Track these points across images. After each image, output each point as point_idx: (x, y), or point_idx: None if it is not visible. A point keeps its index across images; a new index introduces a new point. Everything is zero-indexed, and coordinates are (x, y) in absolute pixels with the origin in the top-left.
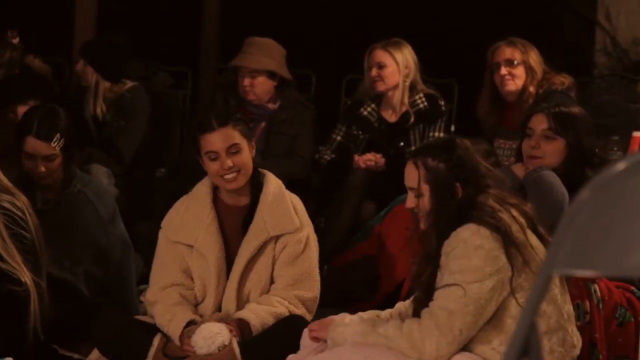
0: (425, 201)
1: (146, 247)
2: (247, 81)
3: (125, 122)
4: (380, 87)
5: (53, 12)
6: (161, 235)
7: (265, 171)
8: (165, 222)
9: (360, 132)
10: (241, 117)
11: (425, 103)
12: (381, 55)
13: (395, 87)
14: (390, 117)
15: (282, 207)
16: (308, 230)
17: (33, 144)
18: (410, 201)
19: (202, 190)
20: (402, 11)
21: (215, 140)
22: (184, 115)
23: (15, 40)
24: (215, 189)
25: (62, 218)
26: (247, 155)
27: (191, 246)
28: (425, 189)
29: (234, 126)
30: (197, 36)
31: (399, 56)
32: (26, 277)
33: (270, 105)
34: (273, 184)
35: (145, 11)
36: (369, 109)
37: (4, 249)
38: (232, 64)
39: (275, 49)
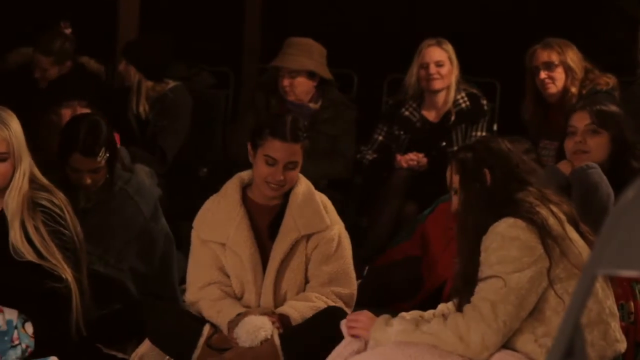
0: (459, 194)
1: (189, 246)
2: (286, 81)
3: (168, 121)
4: (438, 85)
5: (97, 13)
6: (194, 235)
7: None
8: (197, 222)
9: (401, 132)
10: (309, 135)
11: (468, 102)
12: (439, 53)
13: (450, 85)
14: (432, 116)
15: (311, 207)
16: (339, 228)
17: (79, 160)
18: (454, 203)
19: (231, 188)
20: (444, 10)
21: (281, 150)
22: (225, 115)
23: (68, 32)
24: (245, 187)
25: (105, 216)
26: (298, 171)
27: (223, 244)
28: (456, 180)
29: (302, 144)
30: (239, 36)
31: (452, 54)
32: (67, 273)
33: (312, 105)
34: (302, 184)
35: (188, 11)
36: (410, 109)
37: (44, 247)
38: (271, 65)
39: (315, 49)
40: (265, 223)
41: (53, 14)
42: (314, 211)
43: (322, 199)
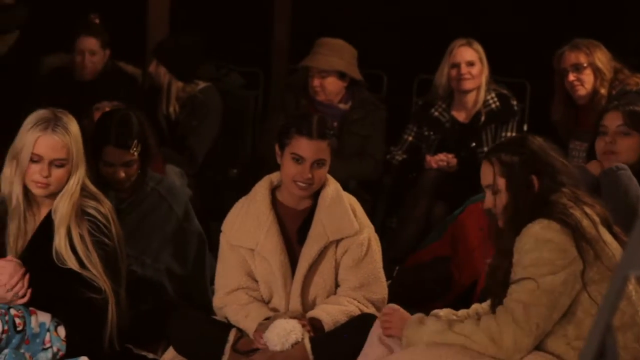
0: (503, 196)
1: (219, 247)
2: (316, 81)
3: (198, 122)
4: (469, 85)
5: (126, 13)
6: (222, 239)
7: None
8: (226, 226)
9: (431, 133)
10: (335, 133)
11: (497, 103)
12: (471, 53)
13: (480, 86)
14: (462, 117)
15: (340, 211)
16: (368, 231)
17: (112, 152)
18: (488, 200)
19: (260, 192)
20: (474, 11)
21: (308, 148)
22: (255, 115)
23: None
24: (274, 190)
25: (138, 217)
26: (326, 169)
27: (252, 250)
28: (502, 183)
29: (329, 142)
30: (269, 37)
31: (482, 55)
32: (106, 285)
33: (342, 106)
34: (331, 186)
35: (217, 11)
36: (440, 110)
37: (86, 257)
38: (302, 64)
39: (345, 49)
40: (294, 227)
41: (82, 14)
42: (343, 216)
43: (350, 201)
